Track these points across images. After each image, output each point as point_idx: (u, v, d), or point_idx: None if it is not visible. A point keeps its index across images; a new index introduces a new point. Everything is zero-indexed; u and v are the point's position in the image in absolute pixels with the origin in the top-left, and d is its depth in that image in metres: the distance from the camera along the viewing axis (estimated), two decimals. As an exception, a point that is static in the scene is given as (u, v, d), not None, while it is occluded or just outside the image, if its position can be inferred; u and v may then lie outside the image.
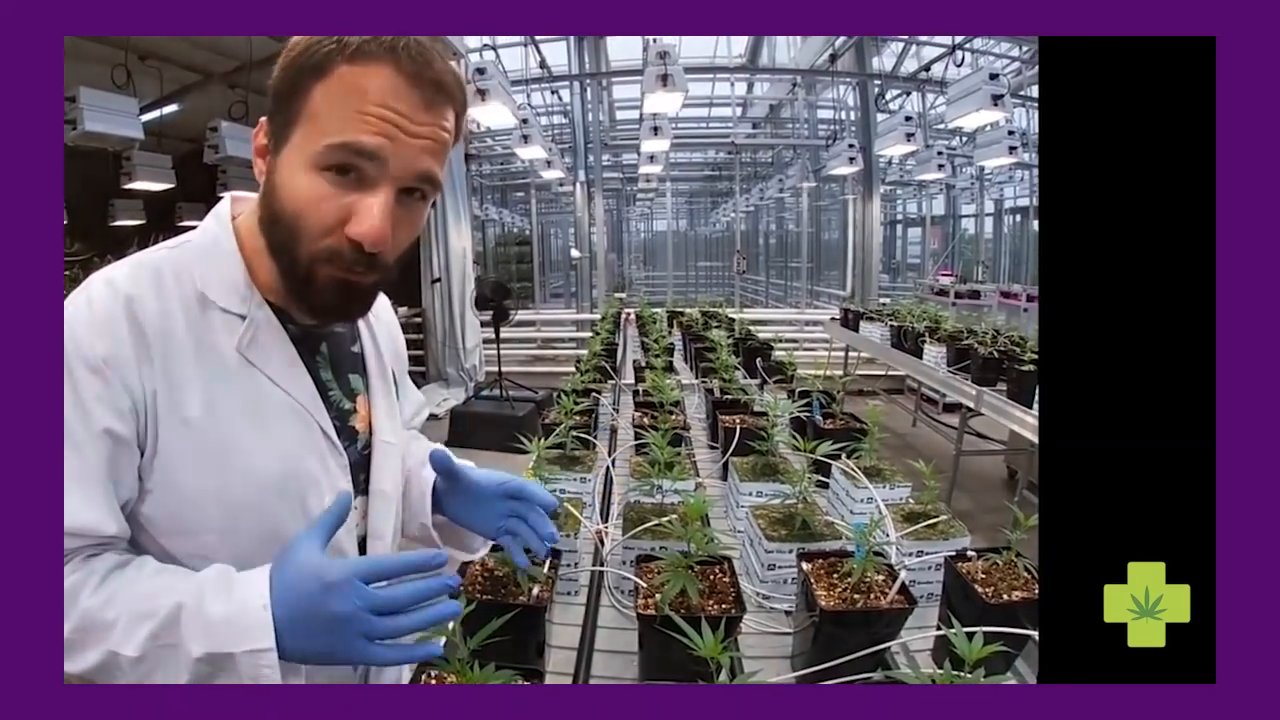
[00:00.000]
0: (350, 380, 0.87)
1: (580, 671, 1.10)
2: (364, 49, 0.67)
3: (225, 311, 0.75)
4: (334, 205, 0.68)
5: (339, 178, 0.68)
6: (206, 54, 6.16)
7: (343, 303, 0.74)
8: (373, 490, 0.87)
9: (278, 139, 0.71)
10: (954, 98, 5.68)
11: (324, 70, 0.67)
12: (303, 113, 0.68)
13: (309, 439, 0.79)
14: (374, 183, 0.68)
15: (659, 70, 4.92)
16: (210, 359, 0.73)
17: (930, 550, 1.27)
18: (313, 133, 0.68)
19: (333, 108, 0.67)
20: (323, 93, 0.67)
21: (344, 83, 0.67)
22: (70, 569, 0.67)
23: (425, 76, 0.68)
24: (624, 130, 12.68)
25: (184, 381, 0.71)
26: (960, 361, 3.62)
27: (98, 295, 0.70)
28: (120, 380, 0.68)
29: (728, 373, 2.58)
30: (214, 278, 0.75)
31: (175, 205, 7.74)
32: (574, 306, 10.77)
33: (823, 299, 11.99)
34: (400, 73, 0.67)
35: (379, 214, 0.68)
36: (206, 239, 0.78)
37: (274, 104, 0.71)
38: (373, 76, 0.67)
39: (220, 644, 0.63)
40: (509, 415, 5.93)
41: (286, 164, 0.70)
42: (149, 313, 0.71)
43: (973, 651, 0.79)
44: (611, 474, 1.81)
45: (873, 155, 9.25)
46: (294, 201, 0.69)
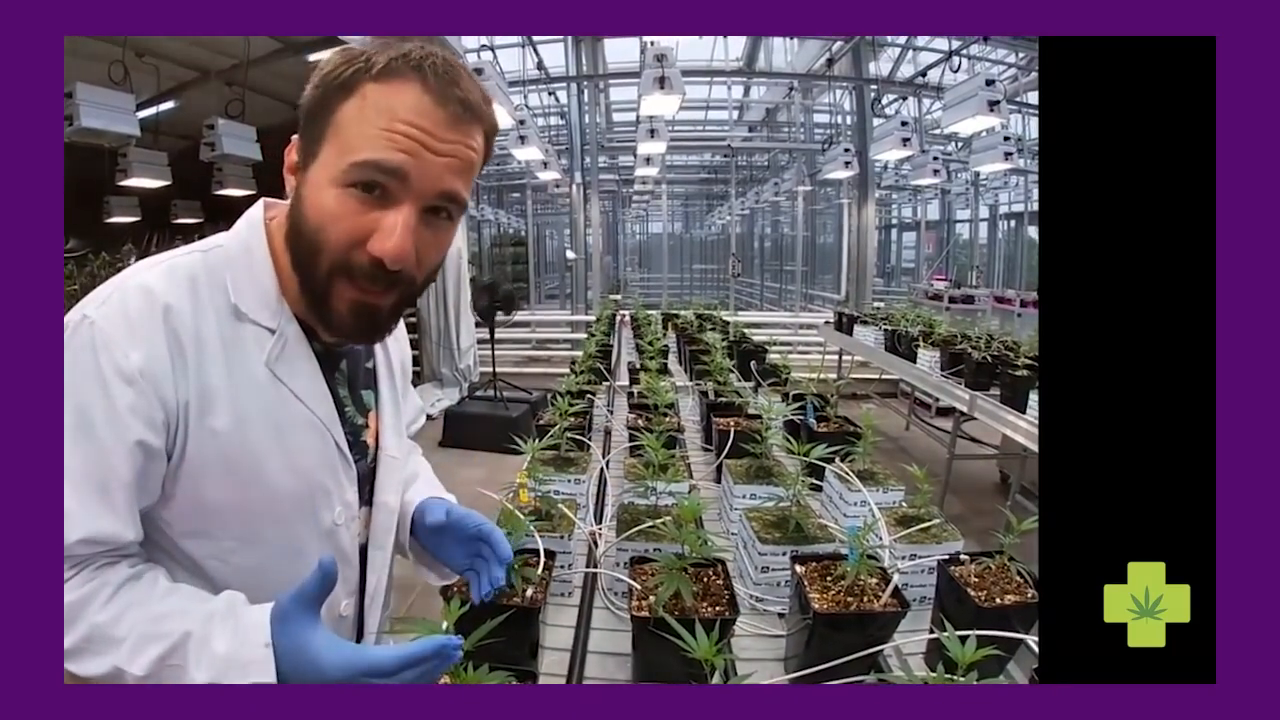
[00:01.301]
0: (363, 396, 0.88)
1: (574, 673, 1.10)
2: (391, 66, 0.67)
3: (256, 324, 0.75)
4: (357, 221, 0.68)
5: (364, 195, 0.68)
6: (204, 52, 6.15)
7: (360, 324, 0.75)
8: (376, 502, 0.88)
9: (306, 156, 0.71)
10: (950, 103, 5.69)
11: (351, 88, 0.67)
12: (330, 130, 0.68)
13: (325, 453, 0.80)
14: (397, 200, 0.68)
15: (656, 73, 4.92)
16: (239, 371, 0.73)
17: (923, 554, 1.27)
18: (339, 150, 0.68)
19: (359, 125, 0.67)
20: (349, 111, 0.68)
21: (371, 100, 0.67)
22: (83, 578, 0.68)
23: (451, 94, 0.68)
24: (620, 132, 12.69)
25: (215, 392, 0.71)
26: (954, 366, 3.62)
27: (135, 303, 0.69)
28: (155, 391, 0.68)
29: (722, 375, 2.58)
30: (247, 288, 0.75)
31: (171, 203, 7.71)
32: (569, 308, 10.75)
33: (817, 303, 12.00)
34: (427, 90, 0.67)
35: (400, 231, 0.68)
36: (239, 246, 0.78)
37: (304, 122, 0.71)
38: (399, 94, 0.67)
39: (222, 676, 0.64)
40: (503, 416, 5.92)
41: (313, 180, 0.70)
42: (185, 323, 0.71)
43: (965, 655, 0.79)
44: (606, 476, 1.81)
45: (868, 160, 9.26)
46: (317, 216, 0.69)
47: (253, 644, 0.65)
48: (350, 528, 0.84)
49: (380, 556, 0.90)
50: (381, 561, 0.91)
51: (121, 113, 4.44)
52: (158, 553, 0.75)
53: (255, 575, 0.76)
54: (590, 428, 2.11)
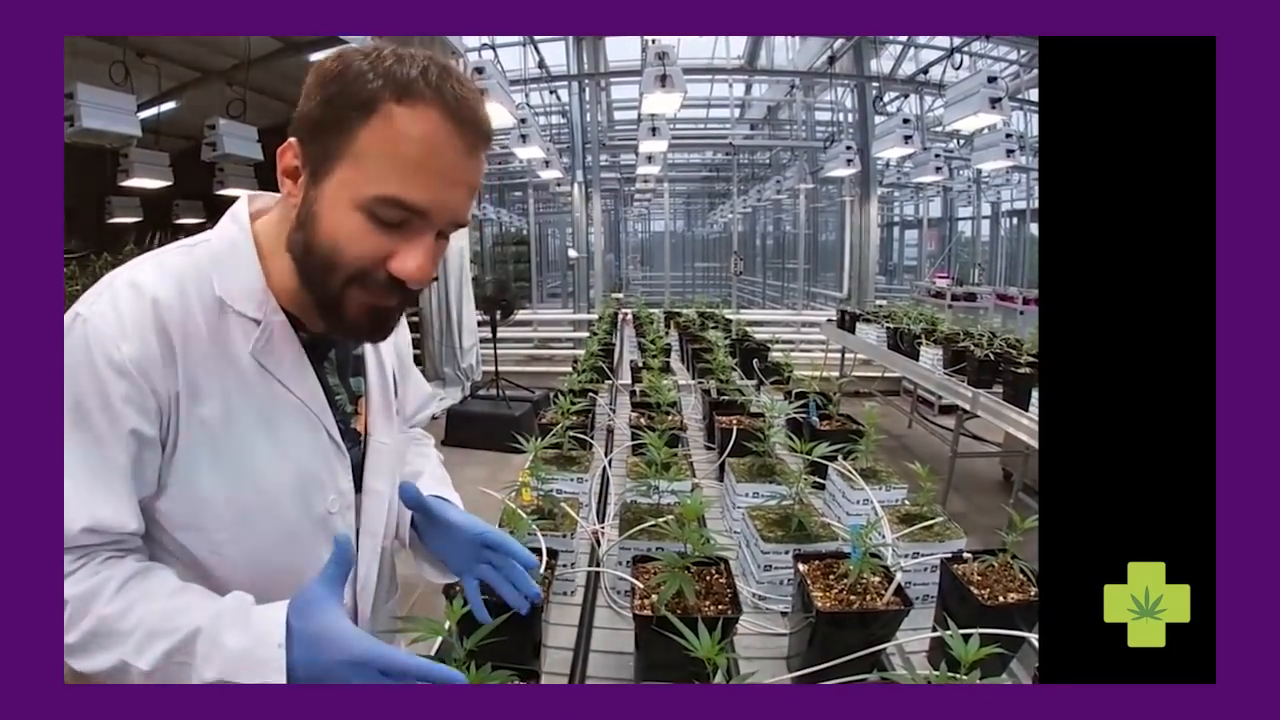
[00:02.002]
0: (353, 383, 0.89)
1: (576, 672, 1.10)
2: (412, 89, 0.66)
3: (241, 316, 0.76)
4: (377, 243, 0.69)
5: (386, 222, 0.68)
6: (205, 51, 6.15)
7: (373, 325, 0.76)
8: (366, 489, 0.89)
9: (317, 168, 0.70)
10: (952, 100, 5.68)
11: (371, 108, 0.66)
12: (348, 150, 0.67)
13: (317, 442, 0.81)
14: (419, 230, 0.70)
15: (657, 71, 4.92)
16: (227, 363, 0.75)
17: (926, 552, 1.27)
18: (361, 175, 0.67)
19: (383, 156, 0.67)
20: (371, 135, 0.67)
21: (393, 127, 0.66)
22: (89, 571, 0.68)
23: (470, 121, 0.68)
24: (622, 131, 12.66)
25: (204, 384, 0.73)
26: (956, 363, 3.62)
27: (124, 298, 0.71)
28: (147, 382, 0.69)
29: (724, 374, 2.58)
30: (231, 283, 0.76)
31: (173, 203, 7.72)
32: (571, 306, 10.75)
33: (819, 300, 12.00)
34: (448, 118, 0.67)
35: (424, 257, 0.70)
36: (224, 242, 0.79)
37: (312, 132, 0.69)
38: (422, 122, 0.66)
39: (232, 674, 0.64)
40: (506, 415, 5.93)
41: (330, 199, 0.69)
42: (174, 316, 0.72)
43: (968, 653, 0.79)
44: (608, 474, 1.81)
45: (870, 157, 9.26)
46: (333, 237, 0.69)
47: (266, 643, 0.65)
48: (345, 516, 0.85)
49: (370, 544, 0.91)
50: (372, 549, 0.91)
51: (122, 113, 4.44)
52: (155, 548, 0.76)
53: (251, 567, 0.77)
54: (593, 426, 2.11)
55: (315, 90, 0.69)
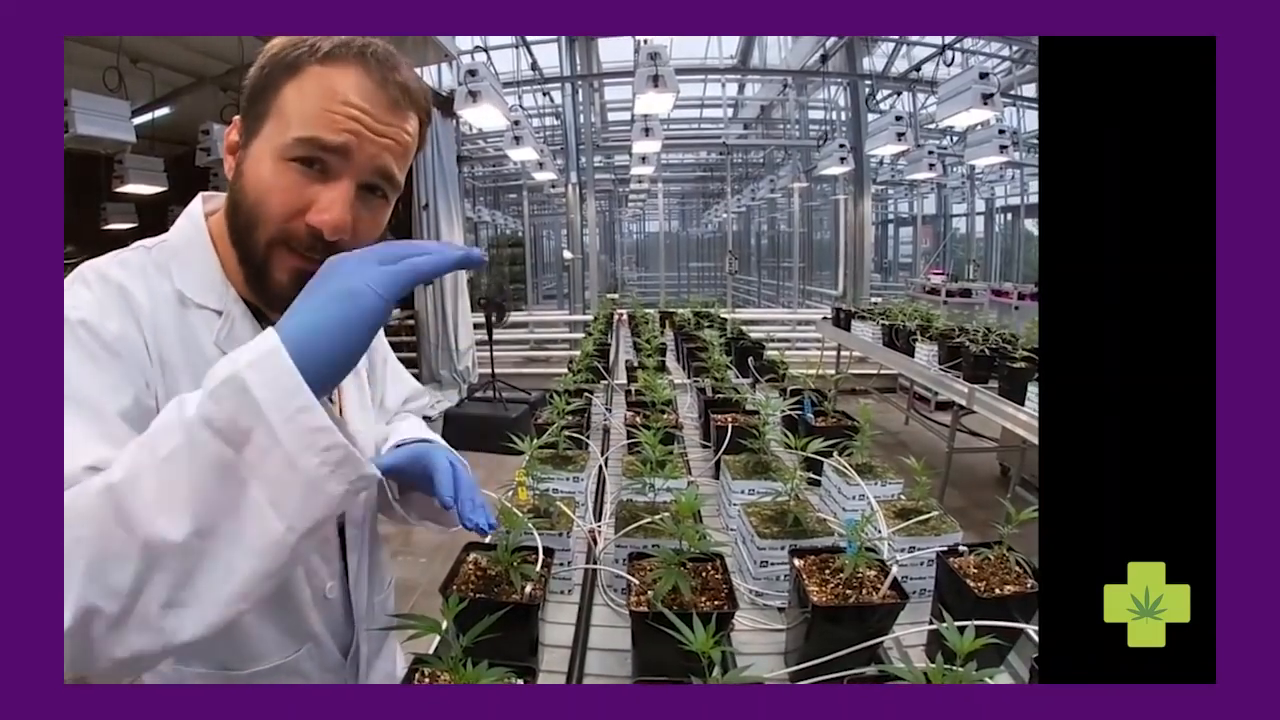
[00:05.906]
0: None
1: (574, 669, 1.10)
2: (335, 52, 0.70)
3: (202, 308, 0.77)
4: (296, 194, 0.71)
5: (304, 169, 0.70)
6: (198, 57, 6.14)
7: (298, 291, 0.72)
8: None
9: (248, 134, 0.74)
10: (944, 97, 5.70)
11: (296, 69, 0.70)
12: (273, 108, 0.71)
13: None
14: (336, 176, 0.71)
15: (650, 71, 4.93)
16: (194, 354, 0.75)
17: (922, 546, 1.27)
18: (281, 125, 0.70)
19: (302, 103, 0.70)
20: (294, 90, 0.70)
21: (314, 81, 0.70)
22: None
23: (392, 80, 0.72)
24: (616, 131, 12.67)
25: (176, 373, 0.74)
26: (952, 359, 3.63)
27: (95, 285, 0.72)
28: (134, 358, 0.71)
29: (720, 372, 2.58)
30: (190, 276, 0.78)
31: (167, 208, 7.70)
32: (567, 308, 10.75)
33: (815, 299, 12.01)
34: (368, 75, 0.71)
35: (340, 203, 0.70)
36: (181, 239, 0.81)
37: (247, 101, 0.74)
38: (342, 77, 0.70)
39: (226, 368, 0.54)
40: (502, 417, 5.93)
41: (254, 155, 0.72)
42: (142, 305, 0.73)
43: (965, 645, 0.79)
44: (604, 473, 1.81)
45: (864, 155, 9.26)
46: (257, 188, 0.71)
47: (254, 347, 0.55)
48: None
49: (357, 534, 0.91)
50: (359, 539, 0.92)
51: (117, 119, 4.45)
52: None
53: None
54: (588, 426, 2.11)
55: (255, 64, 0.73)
